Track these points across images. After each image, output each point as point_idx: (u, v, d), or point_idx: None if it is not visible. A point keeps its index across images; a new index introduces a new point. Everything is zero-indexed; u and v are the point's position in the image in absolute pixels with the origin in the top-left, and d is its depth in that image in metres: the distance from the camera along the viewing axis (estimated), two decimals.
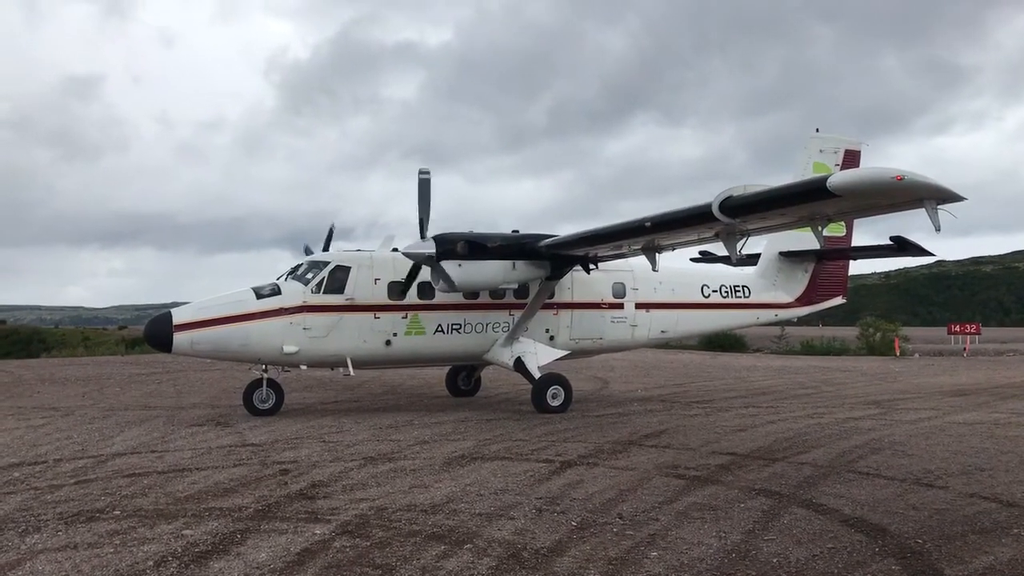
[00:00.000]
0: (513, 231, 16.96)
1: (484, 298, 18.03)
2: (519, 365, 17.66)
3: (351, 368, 16.99)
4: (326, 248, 19.54)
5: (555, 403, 17.24)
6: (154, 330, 16.27)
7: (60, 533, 7.99)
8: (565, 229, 16.84)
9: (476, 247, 16.03)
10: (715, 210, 12.07)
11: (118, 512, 8.83)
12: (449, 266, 15.83)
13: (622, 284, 19.61)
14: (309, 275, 17.02)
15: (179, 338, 16.01)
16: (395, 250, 18.05)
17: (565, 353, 18.70)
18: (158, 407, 18.94)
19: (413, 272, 16.74)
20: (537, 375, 17.47)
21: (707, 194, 12.13)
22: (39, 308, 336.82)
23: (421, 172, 16.08)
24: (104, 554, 7.28)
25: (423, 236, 16.05)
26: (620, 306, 19.56)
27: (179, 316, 16.19)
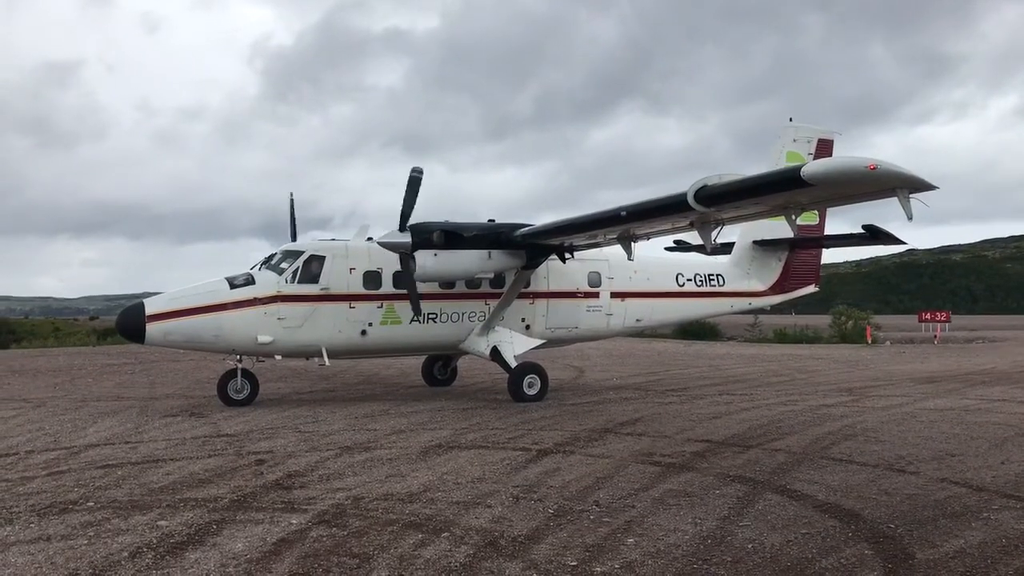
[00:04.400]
0: (489, 220, 16.94)
1: (460, 287, 17.99)
2: (495, 354, 17.68)
3: (326, 358, 16.91)
4: (292, 218, 19.93)
5: (531, 392, 17.29)
6: (126, 320, 16.08)
7: (33, 525, 7.89)
8: (546, 218, 16.85)
9: (452, 237, 16.00)
10: (690, 199, 12.10)
11: (91, 503, 8.74)
12: (425, 256, 15.80)
13: (597, 273, 19.65)
14: (283, 265, 16.90)
15: (152, 329, 15.84)
16: (371, 239, 17.97)
17: (541, 342, 18.73)
18: (131, 398, 18.76)
19: (405, 263, 16.19)
20: (513, 364, 17.49)
21: (688, 183, 12.17)
22: (8, 298, 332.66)
23: (414, 170, 16.18)
24: (78, 546, 7.21)
25: (402, 229, 16.02)
26: (596, 295, 19.61)
27: (152, 306, 16.00)
